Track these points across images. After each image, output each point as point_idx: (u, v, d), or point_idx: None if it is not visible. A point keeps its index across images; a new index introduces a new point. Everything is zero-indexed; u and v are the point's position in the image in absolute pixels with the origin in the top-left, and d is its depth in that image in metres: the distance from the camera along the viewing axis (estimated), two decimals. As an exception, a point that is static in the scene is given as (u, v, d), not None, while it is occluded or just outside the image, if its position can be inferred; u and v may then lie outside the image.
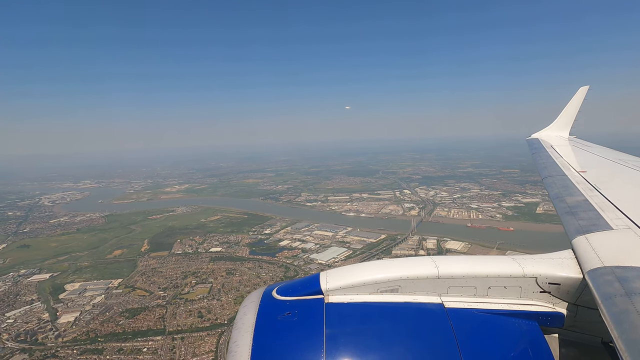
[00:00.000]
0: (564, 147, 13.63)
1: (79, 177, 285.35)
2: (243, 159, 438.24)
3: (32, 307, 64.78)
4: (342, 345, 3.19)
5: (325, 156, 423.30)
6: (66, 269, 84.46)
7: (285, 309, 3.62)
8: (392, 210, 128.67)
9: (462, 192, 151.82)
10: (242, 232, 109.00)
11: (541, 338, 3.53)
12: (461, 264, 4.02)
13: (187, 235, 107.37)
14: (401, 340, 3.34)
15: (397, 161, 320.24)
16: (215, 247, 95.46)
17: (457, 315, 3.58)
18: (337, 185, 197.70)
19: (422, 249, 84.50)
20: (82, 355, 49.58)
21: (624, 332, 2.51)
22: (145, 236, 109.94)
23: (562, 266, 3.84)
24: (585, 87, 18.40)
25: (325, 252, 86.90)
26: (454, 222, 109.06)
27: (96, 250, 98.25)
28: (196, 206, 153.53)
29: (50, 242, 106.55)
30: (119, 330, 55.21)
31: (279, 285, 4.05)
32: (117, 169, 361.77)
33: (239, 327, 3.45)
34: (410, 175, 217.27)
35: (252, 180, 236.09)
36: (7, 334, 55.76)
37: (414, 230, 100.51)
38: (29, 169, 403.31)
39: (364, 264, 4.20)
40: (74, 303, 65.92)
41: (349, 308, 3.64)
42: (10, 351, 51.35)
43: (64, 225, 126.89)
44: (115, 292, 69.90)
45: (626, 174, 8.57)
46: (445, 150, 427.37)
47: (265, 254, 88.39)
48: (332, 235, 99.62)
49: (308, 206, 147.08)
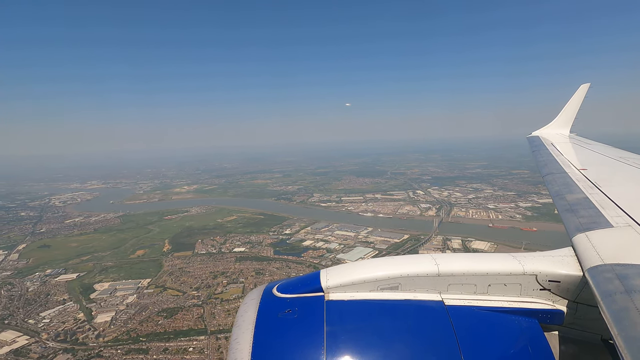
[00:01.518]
0: (565, 145, 13.63)
1: (85, 178, 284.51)
2: (247, 159, 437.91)
3: (66, 307, 64.41)
4: (342, 343, 3.21)
5: (329, 157, 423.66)
6: (91, 269, 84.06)
7: (286, 306, 3.63)
8: (409, 210, 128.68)
9: (476, 193, 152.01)
10: (261, 233, 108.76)
11: (541, 335, 3.54)
12: (461, 261, 4.05)
13: (207, 236, 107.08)
14: (401, 338, 3.36)
15: (402, 162, 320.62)
16: (238, 247, 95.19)
17: (458, 313, 3.60)
18: (347, 185, 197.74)
19: (448, 249, 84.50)
20: (128, 355, 49.30)
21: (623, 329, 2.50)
22: (164, 236, 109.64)
23: (562, 264, 3.86)
24: (586, 85, 18.51)
25: (351, 252, 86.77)
26: (474, 223, 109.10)
27: (118, 250, 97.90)
28: (209, 206, 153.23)
29: (69, 242, 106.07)
30: (160, 330, 54.94)
31: (280, 283, 4.06)
32: (121, 169, 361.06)
33: (239, 325, 3.47)
34: (419, 176, 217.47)
35: (261, 180, 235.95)
36: (46, 334, 55.41)
37: (436, 230, 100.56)
38: (33, 170, 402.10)
39: (364, 262, 4.24)
40: (106, 303, 65.59)
41: (349, 305, 3.66)
42: (52, 351, 51.02)
43: (80, 226, 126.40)
44: (147, 292, 69.59)
45: (627, 171, 8.51)
46: (449, 151, 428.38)
47: (290, 254, 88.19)
48: (354, 236, 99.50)
49: (323, 206, 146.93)
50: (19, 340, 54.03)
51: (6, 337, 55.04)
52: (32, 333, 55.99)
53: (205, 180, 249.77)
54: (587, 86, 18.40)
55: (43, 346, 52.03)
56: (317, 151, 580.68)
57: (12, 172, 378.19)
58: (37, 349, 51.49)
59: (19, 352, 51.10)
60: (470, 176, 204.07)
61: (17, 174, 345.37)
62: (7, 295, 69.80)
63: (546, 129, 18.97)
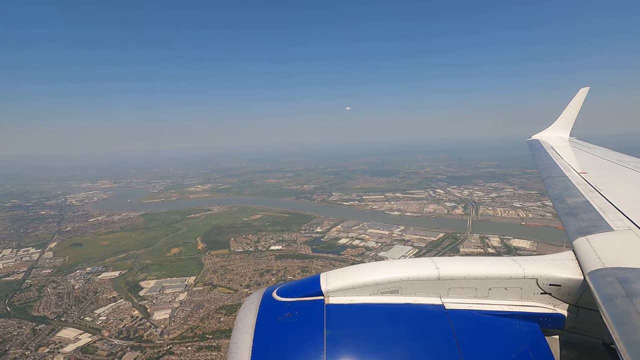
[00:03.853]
0: (565, 148, 13.65)
1: (94, 178, 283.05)
2: (253, 159, 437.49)
3: (118, 305, 63.85)
4: (342, 347, 3.20)
5: (335, 157, 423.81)
6: (131, 266, 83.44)
7: (286, 310, 3.63)
8: (435, 209, 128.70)
9: (497, 192, 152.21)
10: (292, 231, 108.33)
11: (542, 340, 3.54)
12: (462, 265, 4.05)
13: (238, 234, 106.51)
14: (402, 342, 3.35)
15: (411, 162, 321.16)
16: (274, 245, 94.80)
17: (458, 317, 3.59)
18: (363, 185, 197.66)
19: (489, 247, 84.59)
20: (200, 352, 48.85)
21: (625, 333, 2.50)
22: (194, 234, 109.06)
23: (562, 267, 3.86)
24: (586, 89, 18.45)
25: (390, 250, 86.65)
26: (506, 221, 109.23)
27: (151, 248, 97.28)
28: (230, 205, 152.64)
29: (100, 241, 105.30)
30: (225, 327, 54.48)
31: (280, 287, 4.06)
32: (128, 169, 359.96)
33: (239, 328, 3.47)
34: (433, 176, 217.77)
35: (274, 180, 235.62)
36: (107, 332, 54.86)
37: (470, 228, 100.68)
38: (37, 170, 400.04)
39: (364, 265, 4.23)
40: (158, 300, 65.06)
41: (349, 309, 3.66)
42: (120, 348, 50.51)
43: (105, 224, 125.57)
44: (196, 290, 69.10)
45: (627, 175, 8.54)
46: (455, 151, 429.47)
47: (329, 252, 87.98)
48: (389, 234, 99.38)
49: (345, 205, 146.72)
50: (82, 337, 53.46)
51: (67, 334, 54.48)
52: (92, 330, 55.42)
53: (217, 179, 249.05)
54: (587, 90, 18.37)
55: (109, 343, 51.47)
56: (320, 151, 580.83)
57: (17, 172, 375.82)
58: (104, 347, 50.93)
59: (85, 349, 50.53)
60: (486, 175, 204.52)
61: (23, 174, 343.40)
62: (54, 293, 69.10)
63: (546, 132, 18.98)
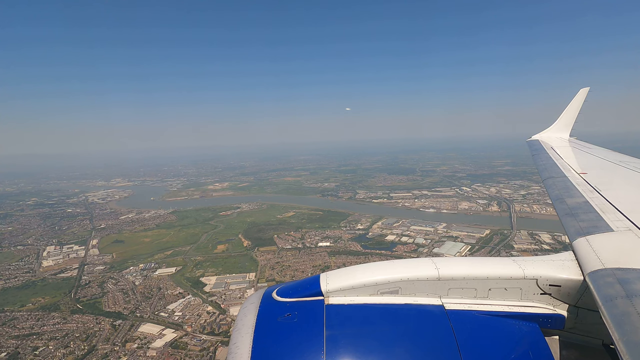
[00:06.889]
0: (565, 149, 13.62)
1: (107, 176, 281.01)
2: (263, 158, 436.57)
3: (188, 300, 63.30)
4: (342, 347, 3.20)
5: (344, 155, 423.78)
6: (183, 263, 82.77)
7: (286, 310, 3.63)
8: (469, 206, 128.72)
9: (525, 190, 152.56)
10: (331, 228, 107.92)
11: (542, 340, 3.53)
12: (461, 265, 4.05)
13: (278, 231, 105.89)
14: (401, 342, 3.35)
15: (422, 160, 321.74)
16: (321, 242, 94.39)
17: (458, 317, 3.59)
18: (384, 182, 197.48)
19: (543, 244, 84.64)
20: (294, 346, 48.39)
21: (625, 334, 2.49)
22: (234, 231, 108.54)
23: (562, 268, 3.86)
24: (586, 89, 18.41)
25: (444, 246, 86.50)
26: (546, 218, 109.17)
27: (196, 245, 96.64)
28: (257, 203, 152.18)
29: (141, 238, 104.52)
30: (309, 322, 54.10)
31: (279, 287, 4.06)
32: (138, 167, 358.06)
33: (238, 329, 3.45)
34: (452, 174, 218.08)
35: (291, 178, 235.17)
36: (189, 327, 54.33)
37: (515, 225, 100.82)
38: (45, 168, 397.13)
39: (364, 265, 4.22)
40: (228, 296, 64.58)
41: (349, 309, 3.66)
42: (210, 344, 49.96)
43: (138, 222, 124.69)
44: (260, 285, 68.52)
45: (627, 175, 8.55)
46: (463, 150, 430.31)
47: (381, 249, 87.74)
48: (434, 231, 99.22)
49: (375, 203, 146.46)
50: (166, 333, 52.90)
51: (149, 330, 53.93)
52: (173, 326, 54.87)
53: (233, 178, 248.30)
54: (587, 90, 18.31)
55: (198, 339, 50.91)
56: (326, 150, 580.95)
57: (24, 171, 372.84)
58: (193, 342, 50.38)
59: (175, 345, 50.01)
60: (505, 173, 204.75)
61: (31, 173, 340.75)
62: (118, 289, 68.40)
63: (546, 132, 18.98)
